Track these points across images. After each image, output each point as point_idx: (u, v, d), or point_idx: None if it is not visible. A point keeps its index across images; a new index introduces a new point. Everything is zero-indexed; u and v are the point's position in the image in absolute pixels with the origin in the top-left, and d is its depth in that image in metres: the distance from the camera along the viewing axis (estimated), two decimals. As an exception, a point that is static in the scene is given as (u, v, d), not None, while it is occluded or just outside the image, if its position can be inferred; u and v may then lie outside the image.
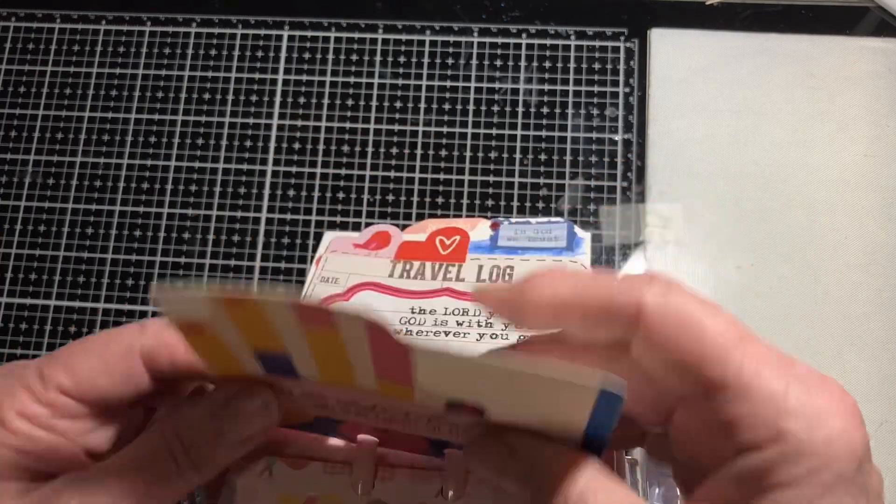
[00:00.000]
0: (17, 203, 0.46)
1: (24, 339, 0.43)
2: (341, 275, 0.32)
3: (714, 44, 0.46)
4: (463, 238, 0.33)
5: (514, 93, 0.46)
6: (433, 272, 0.32)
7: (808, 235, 0.42)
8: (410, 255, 0.33)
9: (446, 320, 0.31)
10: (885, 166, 0.43)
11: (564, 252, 0.33)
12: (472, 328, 0.30)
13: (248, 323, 0.18)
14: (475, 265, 0.33)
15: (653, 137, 0.44)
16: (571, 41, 0.46)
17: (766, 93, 0.45)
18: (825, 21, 0.46)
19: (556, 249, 0.33)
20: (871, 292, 0.41)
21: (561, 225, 0.35)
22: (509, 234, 0.34)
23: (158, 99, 0.47)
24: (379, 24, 0.47)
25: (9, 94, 0.48)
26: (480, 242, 0.34)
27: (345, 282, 0.32)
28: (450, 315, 0.31)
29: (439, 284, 0.32)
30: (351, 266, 0.33)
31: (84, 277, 0.44)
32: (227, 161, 0.46)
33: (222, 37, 0.48)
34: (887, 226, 0.42)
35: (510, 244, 0.34)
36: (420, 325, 0.31)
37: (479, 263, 0.33)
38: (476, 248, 0.34)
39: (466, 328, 0.31)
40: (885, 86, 0.44)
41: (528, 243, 0.34)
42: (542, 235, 0.34)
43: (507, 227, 0.35)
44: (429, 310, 0.31)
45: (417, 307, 0.31)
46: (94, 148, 0.46)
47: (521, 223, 0.35)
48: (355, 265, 0.33)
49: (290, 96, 0.46)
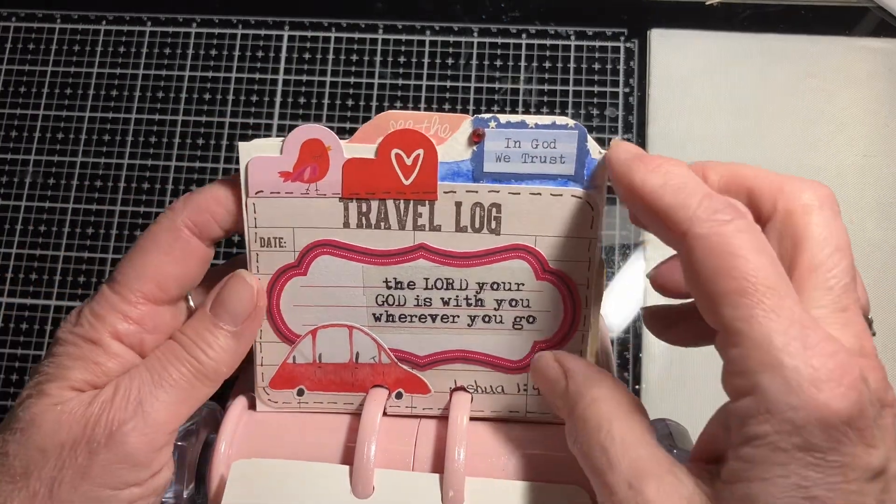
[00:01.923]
0: (18, 203, 0.46)
1: (25, 339, 0.43)
2: (284, 231, 0.25)
3: (714, 44, 0.46)
4: (428, 152, 0.24)
5: (514, 93, 0.46)
6: (399, 215, 0.25)
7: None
8: (362, 185, 0.25)
9: (429, 298, 0.26)
10: (884, 166, 0.43)
11: (571, 183, 0.25)
12: (461, 308, 0.26)
13: None
14: (451, 202, 0.25)
15: (653, 137, 0.44)
16: (571, 41, 0.46)
17: (766, 93, 0.45)
18: (825, 21, 0.46)
19: (560, 179, 0.25)
20: (870, 292, 0.41)
21: (570, 133, 0.25)
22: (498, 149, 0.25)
23: (158, 99, 0.47)
24: (379, 24, 0.47)
25: (9, 94, 0.48)
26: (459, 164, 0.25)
27: (292, 242, 0.26)
28: (433, 289, 0.26)
29: (411, 238, 0.25)
30: (292, 214, 0.25)
31: (84, 277, 0.44)
32: (227, 161, 0.46)
33: (222, 37, 0.48)
34: (886, 225, 0.42)
35: (499, 169, 0.25)
36: (400, 307, 0.26)
37: (454, 199, 0.25)
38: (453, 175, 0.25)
39: (454, 308, 0.26)
40: (884, 86, 0.44)
41: (522, 167, 0.25)
42: (544, 152, 0.25)
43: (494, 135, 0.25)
44: (406, 282, 0.26)
45: (392, 278, 0.26)
46: (94, 148, 0.46)
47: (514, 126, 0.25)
48: (297, 213, 0.25)
49: (290, 96, 0.46)
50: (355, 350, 0.27)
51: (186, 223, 0.25)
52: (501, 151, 0.25)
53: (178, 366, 0.24)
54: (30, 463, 0.22)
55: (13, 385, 0.43)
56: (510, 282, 0.26)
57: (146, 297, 0.24)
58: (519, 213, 0.25)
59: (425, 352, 0.27)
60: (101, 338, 0.24)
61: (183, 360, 0.24)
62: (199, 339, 0.24)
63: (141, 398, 0.23)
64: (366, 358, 0.27)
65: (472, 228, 0.25)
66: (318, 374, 0.27)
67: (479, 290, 0.26)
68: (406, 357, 0.27)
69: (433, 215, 0.25)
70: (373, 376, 0.27)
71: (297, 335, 0.27)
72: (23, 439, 0.22)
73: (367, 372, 0.27)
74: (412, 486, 0.25)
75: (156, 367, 0.24)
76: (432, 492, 0.25)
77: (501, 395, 0.27)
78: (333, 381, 0.27)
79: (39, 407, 0.23)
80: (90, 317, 0.24)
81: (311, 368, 0.27)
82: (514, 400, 0.27)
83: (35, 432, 0.22)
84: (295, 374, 0.27)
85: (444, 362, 0.27)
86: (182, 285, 0.25)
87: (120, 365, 0.24)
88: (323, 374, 0.27)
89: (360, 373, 0.27)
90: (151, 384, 0.23)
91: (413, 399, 0.27)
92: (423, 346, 0.27)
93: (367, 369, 0.27)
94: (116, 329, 0.24)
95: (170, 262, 0.24)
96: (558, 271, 0.25)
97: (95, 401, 0.23)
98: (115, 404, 0.23)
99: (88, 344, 0.24)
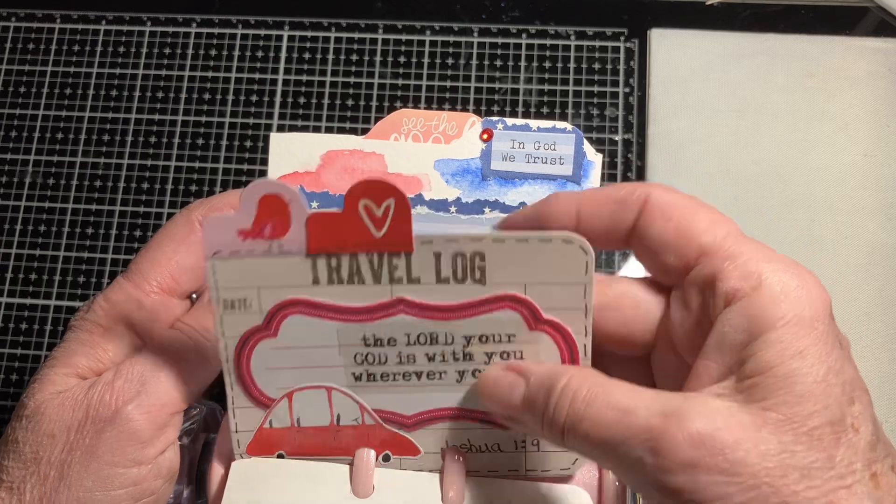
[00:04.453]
0: (18, 203, 0.46)
1: (25, 339, 0.43)
2: (248, 291, 0.23)
3: (714, 44, 0.46)
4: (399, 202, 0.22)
5: (514, 93, 0.46)
6: (373, 269, 0.23)
7: (808, 235, 0.42)
8: (330, 240, 0.23)
9: (412, 354, 0.24)
10: (885, 166, 0.43)
11: (569, 184, 0.27)
12: (448, 363, 0.24)
13: None
14: (429, 253, 0.23)
15: (653, 137, 0.44)
16: (571, 41, 0.46)
17: (766, 93, 0.45)
18: (825, 21, 0.46)
19: (558, 179, 0.27)
20: (871, 292, 0.41)
21: (567, 136, 0.27)
22: (504, 149, 0.27)
23: (158, 99, 0.47)
24: (379, 24, 0.47)
25: (9, 94, 0.48)
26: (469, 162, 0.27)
27: (258, 303, 0.23)
28: (415, 345, 0.24)
29: (388, 292, 0.23)
30: (255, 274, 0.23)
31: (84, 277, 0.44)
32: (227, 161, 0.45)
33: (222, 37, 0.48)
34: (887, 226, 0.42)
35: (505, 167, 0.27)
36: (382, 365, 0.24)
37: (432, 249, 0.23)
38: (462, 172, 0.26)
39: (440, 364, 0.24)
40: (884, 86, 0.44)
41: (525, 166, 0.27)
42: (545, 153, 0.27)
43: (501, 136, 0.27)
44: (386, 339, 0.24)
45: (370, 335, 0.24)
46: (94, 148, 0.46)
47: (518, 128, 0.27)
48: (261, 272, 0.23)
49: (290, 96, 0.46)
50: (336, 412, 0.25)
51: (200, 219, 0.25)
52: (507, 151, 0.27)
53: (179, 348, 0.24)
54: (39, 448, 0.23)
55: (13, 385, 0.43)
56: (500, 333, 0.24)
57: (160, 286, 0.25)
58: (505, 261, 0.23)
59: (412, 410, 0.25)
60: (111, 325, 0.24)
61: (184, 343, 0.25)
62: (198, 326, 0.25)
63: (143, 378, 0.24)
64: (347, 420, 0.25)
65: (455, 279, 0.23)
66: (297, 438, 0.25)
67: (467, 343, 0.24)
68: (391, 417, 0.25)
69: (410, 267, 0.23)
70: (356, 439, 0.25)
71: (272, 399, 0.25)
72: (30, 426, 0.23)
73: (350, 434, 0.25)
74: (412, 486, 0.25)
75: (157, 350, 0.24)
76: (432, 491, 0.24)
77: (497, 453, 0.25)
78: (315, 444, 0.25)
79: (44, 394, 0.23)
80: (104, 303, 0.25)
81: (289, 433, 0.25)
82: (512, 458, 0.25)
83: (41, 419, 0.23)
84: (273, 438, 0.25)
85: (434, 421, 0.25)
86: (194, 277, 0.26)
87: (125, 352, 0.24)
88: (303, 438, 0.25)
89: (343, 436, 0.25)
90: (153, 365, 0.24)
91: (402, 462, 0.26)
92: (409, 405, 0.25)
93: (349, 432, 0.25)
94: (130, 317, 0.24)
95: (184, 252, 0.25)
96: (552, 321, 0.24)
97: (97, 383, 0.23)
98: (115, 385, 0.23)
99: (99, 329, 0.24)
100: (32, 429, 0.23)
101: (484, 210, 0.27)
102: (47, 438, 0.23)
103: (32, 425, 0.23)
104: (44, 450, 0.22)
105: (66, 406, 0.23)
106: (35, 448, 0.23)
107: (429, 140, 0.26)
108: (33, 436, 0.23)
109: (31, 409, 0.23)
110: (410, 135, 0.27)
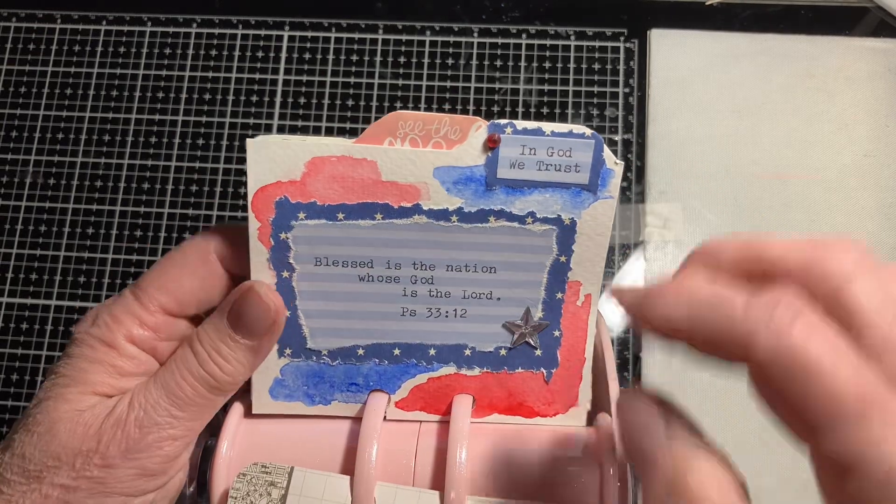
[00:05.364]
0: (18, 203, 0.46)
1: (25, 339, 0.43)
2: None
3: (714, 44, 0.46)
4: None
5: (514, 93, 0.46)
6: None
7: (808, 235, 0.42)
8: None
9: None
10: (884, 166, 0.43)
11: (585, 193, 0.24)
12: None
13: None
14: None
15: (652, 138, 0.44)
16: (571, 41, 0.46)
17: (766, 93, 0.45)
18: (825, 21, 0.46)
19: (574, 188, 0.24)
20: (871, 292, 0.41)
21: (586, 142, 0.24)
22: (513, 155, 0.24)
23: (158, 99, 0.47)
24: (379, 24, 0.47)
25: (9, 94, 0.48)
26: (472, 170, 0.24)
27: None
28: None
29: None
30: None
31: (84, 277, 0.44)
32: (227, 161, 0.46)
33: (222, 37, 0.48)
34: (886, 226, 0.42)
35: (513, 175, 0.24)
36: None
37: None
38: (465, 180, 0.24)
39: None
40: (884, 86, 0.44)
41: (537, 174, 0.24)
42: (559, 160, 0.24)
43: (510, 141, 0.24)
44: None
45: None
46: (94, 148, 0.46)
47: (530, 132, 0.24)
48: None
49: (290, 96, 0.46)
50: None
51: (216, 250, 0.25)
52: (516, 158, 0.24)
53: (192, 382, 0.24)
54: (43, 468, 0.22)
55: (13, 385, 0.43)
56: None
57: (163, 307, 0.24)
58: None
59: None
60: (116, 340, 0.24)
61: (198, 375, 0.24)
62: (214, 352, 0.24)
63: (156, 419, 0.23)
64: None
65: None
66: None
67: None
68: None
69: None
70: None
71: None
72: (40, 443, 0.23)
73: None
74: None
75: (170, 383, 0.24)
76: None
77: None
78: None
79: (59, 412, 0.23)
80: (108, 318, 0.24)
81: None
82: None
83: (51, 439, 0.23)
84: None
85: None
86: (200, 304, 0.25)
87: (137, 368, 0.24)
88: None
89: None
90: (167, 402, 0.23)
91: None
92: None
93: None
94: (132, 333, 0.24)
95: (193, 280, 0.25)
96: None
97: (110, 416, 0.23)
98: (128, 423, 0.23)
99: (104, 346, 0.24)
100: (42, 447, 0.23)
101: (489, 219, 0.25)
102: (53, 460, 0.22)
103: (43, 443, 0.23)
104: (48, 471, 0.22)
105: (79, 432, 0.23)
106: (40, 467, 0.22)
107: (428, 145, 0.24)
108: (41, 454, 0.23)
109: (45, 426, 0.23)
110: (408, 139, 0.24)
